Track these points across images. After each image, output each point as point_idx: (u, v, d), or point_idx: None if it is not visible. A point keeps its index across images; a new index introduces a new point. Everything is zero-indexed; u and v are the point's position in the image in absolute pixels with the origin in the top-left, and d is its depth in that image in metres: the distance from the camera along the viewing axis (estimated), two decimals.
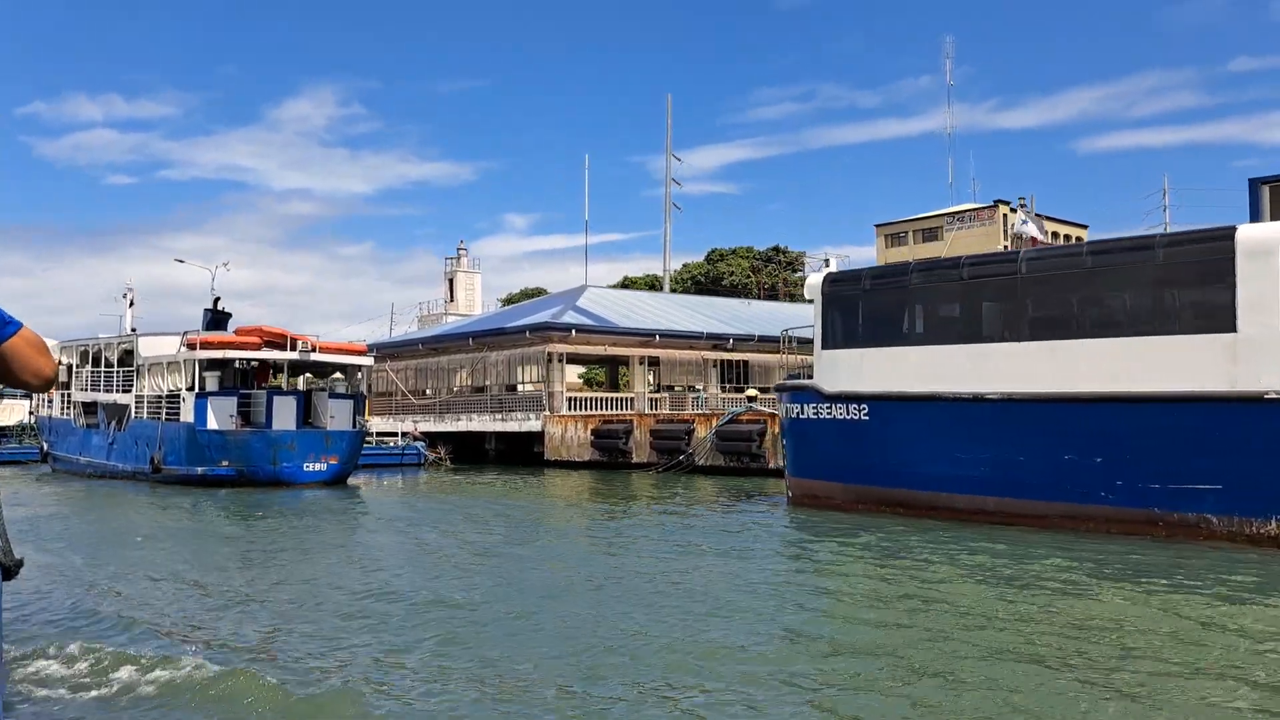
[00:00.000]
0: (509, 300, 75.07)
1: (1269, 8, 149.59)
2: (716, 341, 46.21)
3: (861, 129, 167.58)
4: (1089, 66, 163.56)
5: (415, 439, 42.84)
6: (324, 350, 30.83)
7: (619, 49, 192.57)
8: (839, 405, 18.95)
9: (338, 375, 34.01)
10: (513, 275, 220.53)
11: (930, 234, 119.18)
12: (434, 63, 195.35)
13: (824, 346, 19.50)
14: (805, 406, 19.80)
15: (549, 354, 41.49)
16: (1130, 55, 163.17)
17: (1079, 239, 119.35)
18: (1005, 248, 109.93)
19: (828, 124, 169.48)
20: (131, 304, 38.40)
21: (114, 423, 33.49)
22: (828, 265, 21.97)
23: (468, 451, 44.77)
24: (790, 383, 20.81)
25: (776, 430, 30.81)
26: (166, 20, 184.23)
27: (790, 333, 22.08)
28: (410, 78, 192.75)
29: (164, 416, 30.36)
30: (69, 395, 37.67)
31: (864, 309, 18.81)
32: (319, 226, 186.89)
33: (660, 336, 44.41)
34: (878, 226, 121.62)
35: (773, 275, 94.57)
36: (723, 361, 46.59)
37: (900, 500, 18.16)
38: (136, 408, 32.20)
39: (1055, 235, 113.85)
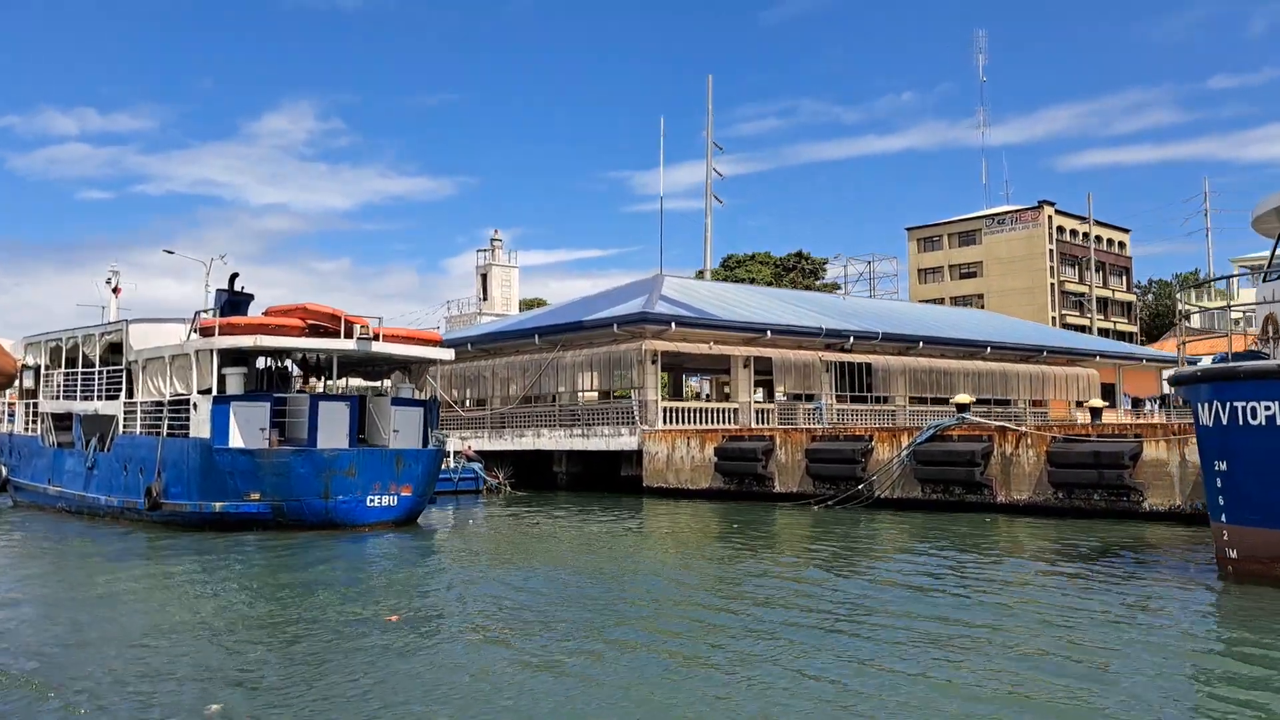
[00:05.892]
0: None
1: (1247, 26, 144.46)
2: (831, 340, 37.96)
3: (844, 145, 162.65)
4: (1068, 84, 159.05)
5: (469, 459, 34.37)
6: (389, 339, 22.25)
7: (602, 65, 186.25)
8: None
9: (390, 381, 25.49)
10: None
11: (967, 237, 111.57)
12: (412, 77, 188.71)
13: None
14: None
15: (644, 352, 33.05)
16: (1109, 73, 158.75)
17: (1121, 243, 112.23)
18: (1051, 251, 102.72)
19: (810, 139, 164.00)
20: (116, 290, 29.63)
21: (95, 440, 24.66)
22: (847, 269, 13.53)
23: (530, 474, 36.27)
24: (1239, 366, 12.43)
25: (1010, 449, 22.51)
26: (142, 33, 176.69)
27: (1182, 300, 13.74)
28: (389, 92, 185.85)
29: (166, 431, 21.73)
30: (35, 405, 28.83)
31: None
32: (295, 241, 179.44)
33: (771, 333, 36.11)
34: (909, 230, 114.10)
35: (796, 282, 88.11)
36: (839, 364, 38.29)
37: None
38: (127, 419, 23.52)
39: (1099, 240, 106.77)
